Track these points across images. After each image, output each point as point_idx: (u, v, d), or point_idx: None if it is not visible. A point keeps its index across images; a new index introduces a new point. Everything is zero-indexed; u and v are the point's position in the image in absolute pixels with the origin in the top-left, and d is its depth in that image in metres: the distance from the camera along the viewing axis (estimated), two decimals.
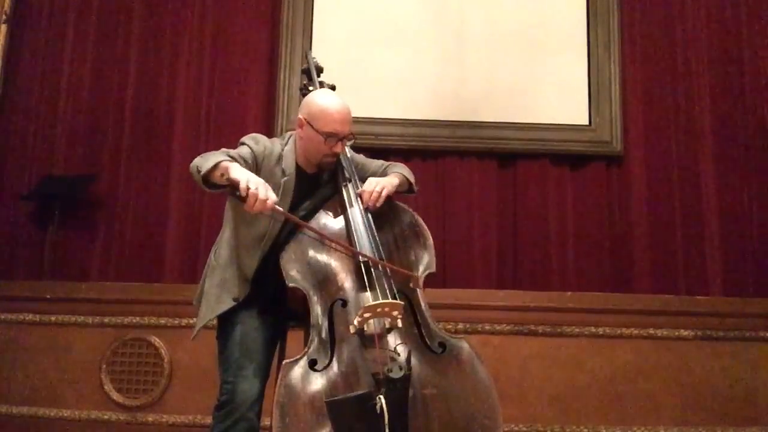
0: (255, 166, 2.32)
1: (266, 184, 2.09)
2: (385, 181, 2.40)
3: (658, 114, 4.46)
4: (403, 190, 2.53)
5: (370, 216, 2.34)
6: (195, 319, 2.45)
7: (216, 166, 2.12)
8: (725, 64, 4.50)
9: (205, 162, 2.16)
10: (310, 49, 4.28)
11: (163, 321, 3.76)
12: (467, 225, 4.35)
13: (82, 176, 4.34)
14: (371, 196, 2.33)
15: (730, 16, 4.55)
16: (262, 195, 2.02)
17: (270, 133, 4.25)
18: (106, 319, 3.77)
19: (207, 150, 4.41)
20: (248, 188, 2.02)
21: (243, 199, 2.02)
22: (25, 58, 4.54)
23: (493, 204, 4.40)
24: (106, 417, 3.67)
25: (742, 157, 4.39)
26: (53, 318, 3.78)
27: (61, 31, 4.56)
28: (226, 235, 2.42)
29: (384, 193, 2.35)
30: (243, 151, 2.33)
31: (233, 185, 2.03)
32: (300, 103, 2.56)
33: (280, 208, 2.14)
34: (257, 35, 4.56)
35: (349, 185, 2.41)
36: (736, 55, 4.51)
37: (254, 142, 2.39)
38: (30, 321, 3.79)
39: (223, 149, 2.30)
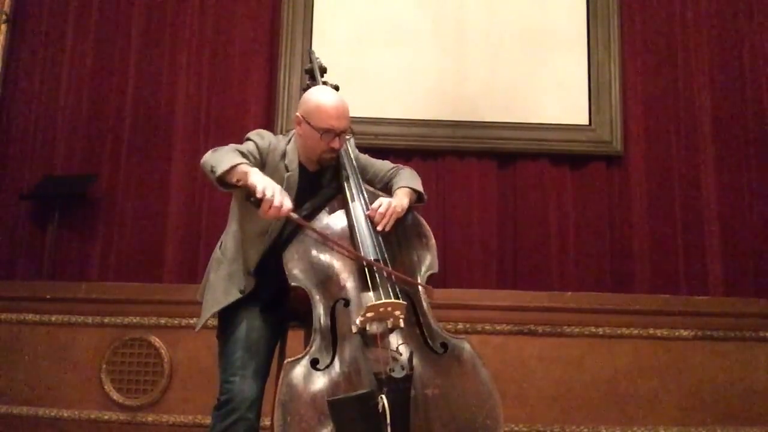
0: (260, 160, 2.33)
1: (283, 191, 2.13)
2: (395, 203, 2.35)
3: (658, 114, 4.46)
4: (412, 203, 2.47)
5: None
6: (195, 319, 2.44)
7: (232, 168, 2.15)
8: (725, 64, 4.50)
9: (219, 162, 2.18)
10: (311, 49, 4.27)
11: (163, 321, 3.76)
12: (467, 225, 4.35)
13: (82, 176, 4.34)
14: (382, 218, 2.30)
15: (730, 16, 4.55)
16: (276, 202, 2.07)
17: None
18: (106, 319, 3.77)
19: (207, 149, 4.43)
20: (264, 194, 2.06)
21: (258, 204, 2.06)
22: (25, 58, 4.54)
23: (493, 204, 4.40)
24: (106, 417, 3.66)
25: (742, 157, 4.40)
26: (53, 318, 3.78)
27: (61, 31, 4.56)
28: (232, 229, 2.42)
29: (394, 217, 2.32)
30: (249, 146, 2.35)
31: (250, 190, 2.07)
32: None
33: (295, 215, 2.16)
34: (257, 35, 4.55)
35: (351, 183, 2.41)
36: (736, 55, 4.51)
37: (259, 137, 2.40)
38: (30, 321, 3.79)
39: (232, 145, 2.31)
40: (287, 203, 2.11)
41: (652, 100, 4.48)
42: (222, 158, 2.20)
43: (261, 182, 2.10)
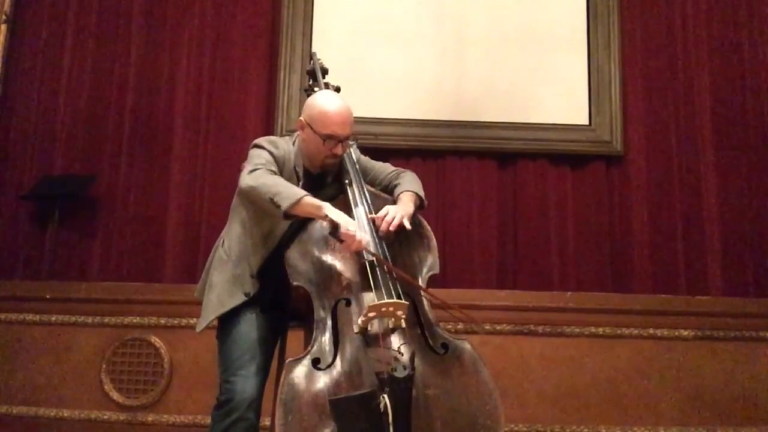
0: (278, 171, 2.33)
1: (357, 224, 2.21)
2: (402, 210, 2.35)
3: (658, 114, 4.46)
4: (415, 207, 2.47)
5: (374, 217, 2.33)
6: (195, 319, 2.44)
7: (299, 201, 2.18)
8: (725, 64, 4.51)
9: (277, 193, 2.19)
10: (311, 49, 4.27)
11: (163, 321, 3.76)
12: (467, 225, 4.35)
13: (82, 176, 4.34)
14: (384, 221, 2.29)
15: (731, 15, 4.56)
16: (358, 237, 2.16)
17: (270, 133, 4.25)
18: (106, 319, 3.77)
19: (207, 150, 4.43)
20: (347, 232, 2.15)
21: (339, 240, 2.18)
22: (25, 58, 4.54)
23: (493, 204, 4.40)
24: (106, 417, 3.66)
25: (742, 157, 4.40)
26: (53, 318, 3.78)
27: (61, 31, 4.56)
28: (236, 230, 2.42)
29: (398, 223, 2.30)
30: (267, 157, 2.35)
31: (333, 227, 2.17)
32: (302, 103, 2.56)
33: (371, 249, 2.22)
34: (257, 35, 4.56)
35: (354, 185, 2.41)
36: (736, 55, 4.51)
37: (273, 146, 2.40)
38: (30, 321, 3.78)
39: (261, 165, 2.31)
40: (365, 237, 2.19)
41: (653, 100, 4.48)
42: (277, 188, 2.21)
43: (341, 219, 2.17)
